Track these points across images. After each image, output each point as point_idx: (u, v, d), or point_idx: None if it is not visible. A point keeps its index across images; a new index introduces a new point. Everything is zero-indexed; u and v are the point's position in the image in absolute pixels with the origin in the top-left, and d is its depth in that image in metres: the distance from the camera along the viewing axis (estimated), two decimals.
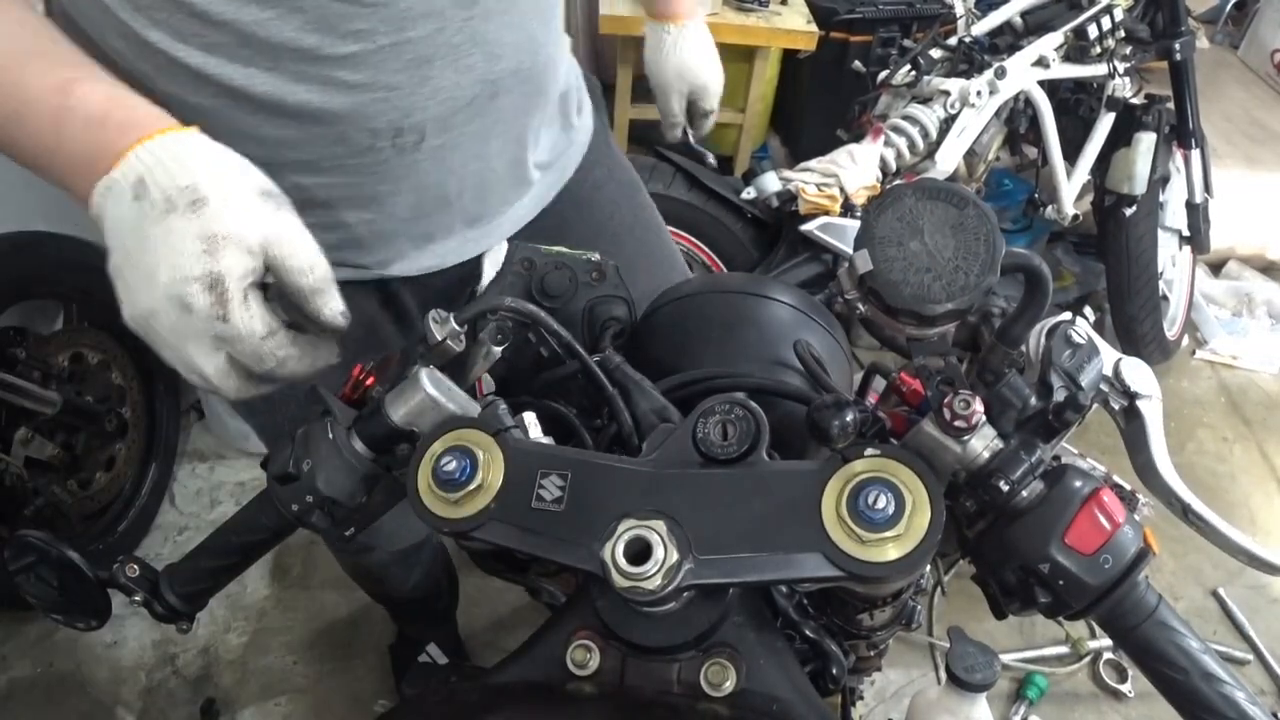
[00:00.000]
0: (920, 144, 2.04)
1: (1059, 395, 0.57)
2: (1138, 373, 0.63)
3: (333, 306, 0.58)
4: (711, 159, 1.51)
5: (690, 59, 1.21)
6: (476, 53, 0.78)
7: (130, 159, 0.55)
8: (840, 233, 1.90)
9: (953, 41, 2.17)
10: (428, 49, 0.75)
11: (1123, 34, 2.24)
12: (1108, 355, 0.62)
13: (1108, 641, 1.95)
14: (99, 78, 0.59)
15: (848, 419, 0.54)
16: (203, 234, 0.53)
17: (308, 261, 0.57)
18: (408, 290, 0.98)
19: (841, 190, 1.94)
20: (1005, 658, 1.93)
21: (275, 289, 0.58)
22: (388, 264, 0.92)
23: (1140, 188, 2.35)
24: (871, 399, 0.69)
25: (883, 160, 2.02)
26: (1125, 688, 1.91)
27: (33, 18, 0.62)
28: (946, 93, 2.06)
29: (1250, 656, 2.01)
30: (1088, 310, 0.90)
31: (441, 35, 0.75)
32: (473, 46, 0.78)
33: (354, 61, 0.72)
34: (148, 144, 0.55)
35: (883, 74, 2.19)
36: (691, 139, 1.34)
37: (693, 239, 2.03)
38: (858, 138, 2.08)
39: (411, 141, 0.80)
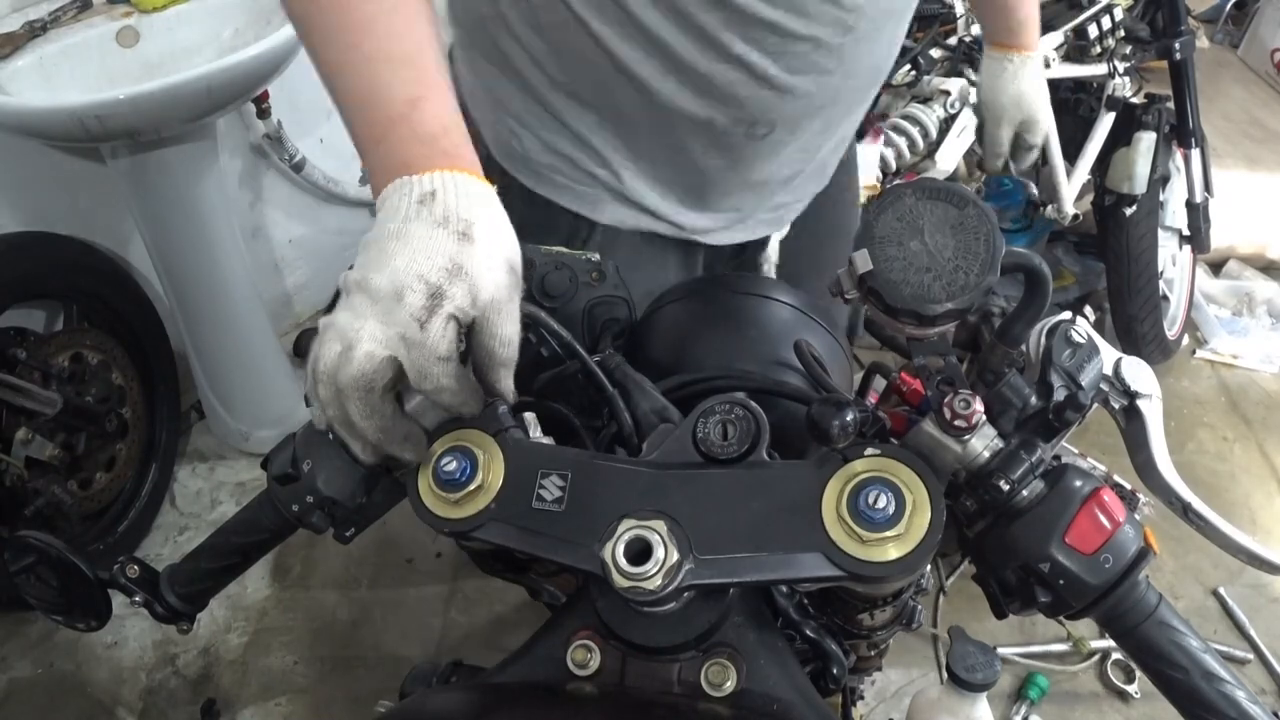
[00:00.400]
0: (920, 143, 2.04)
1: (1059, 395, 0.57)
2: (1138, 372, 0.62)
3: (509, 384, 0.62)
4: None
5: (1028, 90, 1.24)
6: (839, 71, 0.89)
7: (436, 175, 0.61)
8: None
9: (953, 41, 2.17)
10: (801, 65, 0.86)
11: (1123, 33, 2.24)
12: (1108, 354, 0.62)
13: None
14: (445, 101, 0.66)
15: (848, 419, 0.54)
16: (454, 258, 0.58)
17: (510, 335, 0.61)
18: (705, 252, 1.08)
19: None
20: (1007, 652, 1.92)
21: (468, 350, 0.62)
22: (701, 231, 1.03)
23: (1140, 187, 2.35)
24: (871, 399, 0.69)
25: (882, 160, 2.01)
26: (1132, 688, 1.91)
27: (426, 12, 0.68)
28: (946, 92, 2.06)
29: (1251, 656, 2.01)
30: (1088, 310, 0.90)
31: (815, 53, 0.86)
32: (837, 64, 0.88)
33: (743, 58, 0.84)
34: (456, 174, 0.61)
35: None
36: (1014, 170, 1.36)
37: None
38: (858, 137, 2.08)
39: (761, 133, 0.92)
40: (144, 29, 1.78)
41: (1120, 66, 2.26)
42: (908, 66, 2.12)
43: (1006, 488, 0.53)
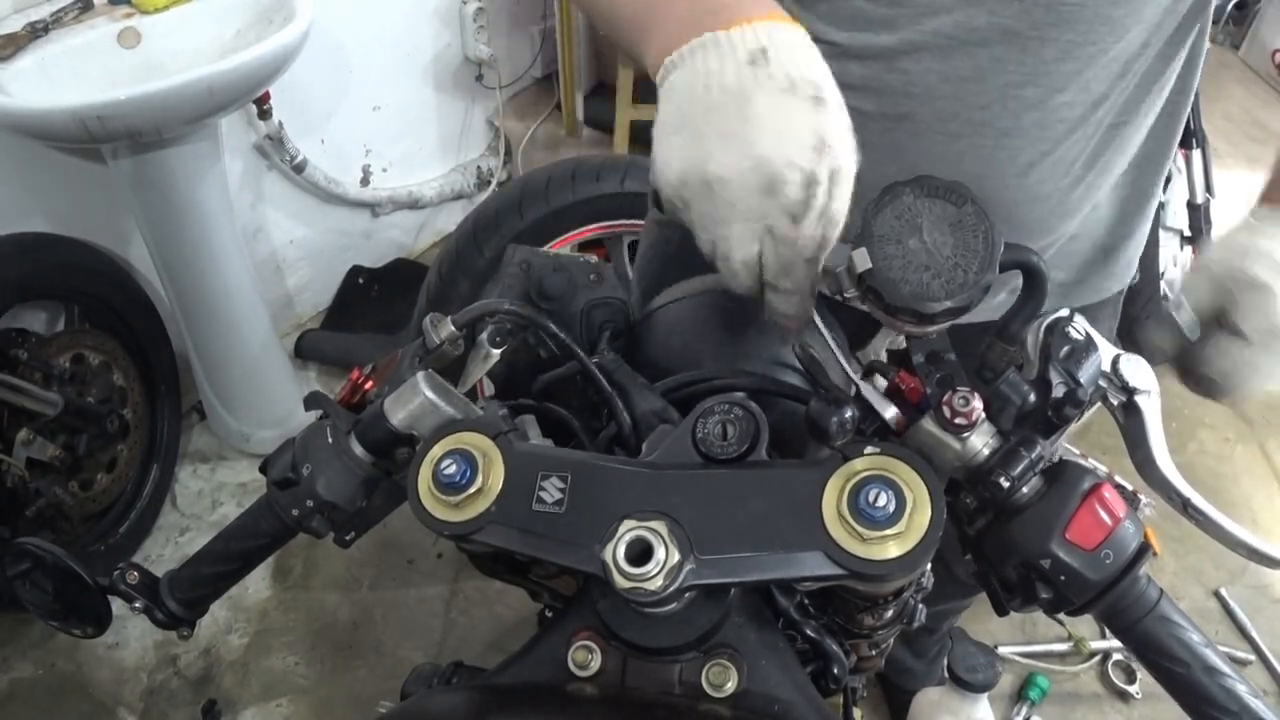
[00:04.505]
0: None
1: (1058, 391, 0.56)
2: (1136, 369, 0.62)
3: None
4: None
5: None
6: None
7: (757, 29, 0.52)
8: None
9: None
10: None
11: None
12: (1106, 351, 0.62)
13: (1116, 642, 1.95)
14: None
15: (846, 416, 0.54)
16: (818, 131, 0.50)
17: (842, 209, 0.53)
18: None
19: None
20: (1008, 652, 1.92)
21: None
22: None
23: None
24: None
25: None
26: (1133, 689, 1.91)
27: None
28: None
29: (1252, 657, 2.01)
30: None
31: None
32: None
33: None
34: (779, 25, 0.52)
35: None
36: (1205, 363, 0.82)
37: None
38: None
39: None
40: (145, 30, 1.78)
41: None
42: None
43: (1006, 485, 0.53)
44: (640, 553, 0.52)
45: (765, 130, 0.49)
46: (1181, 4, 0.75)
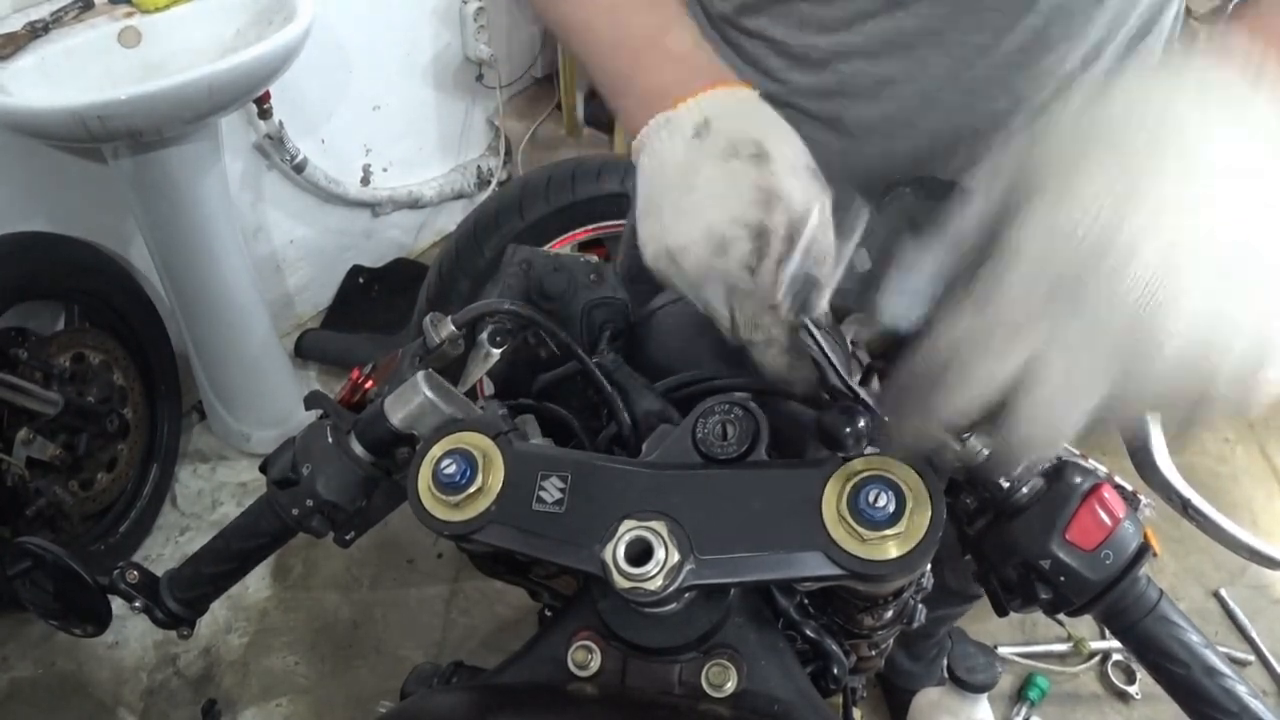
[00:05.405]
0: None
1: None
2: None
3: (823, 305, 0.54)
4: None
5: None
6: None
7: (701, 100, 0.56)
8: None
9: None
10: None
11: None
12: None
13: (1116, 643, 1.95)
14: (690, 28, 0.62)
15: (859, 425, 0.54)
16: (760, 185, 0.52)
17: (829, 249, 0.54)
18: None
19: None
20: (1007, 652, 1.92)
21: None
22: None
23: None
24: None
25: None
26: (1133, 689, 1.91)
27: None
28: None
29: (1252, 658, 2.01)
30: None
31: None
32: None
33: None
34: (720, 91, 0.57)
35: None
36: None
37: None
38: None
39: None
40: (146, 29, 1.78)
41: None
42: None
43: (1006, 485, 0.53)
44: (640, 553, 0.52)
45: (708, 196, 0.53)
46: (1122, 20, 0.74)
